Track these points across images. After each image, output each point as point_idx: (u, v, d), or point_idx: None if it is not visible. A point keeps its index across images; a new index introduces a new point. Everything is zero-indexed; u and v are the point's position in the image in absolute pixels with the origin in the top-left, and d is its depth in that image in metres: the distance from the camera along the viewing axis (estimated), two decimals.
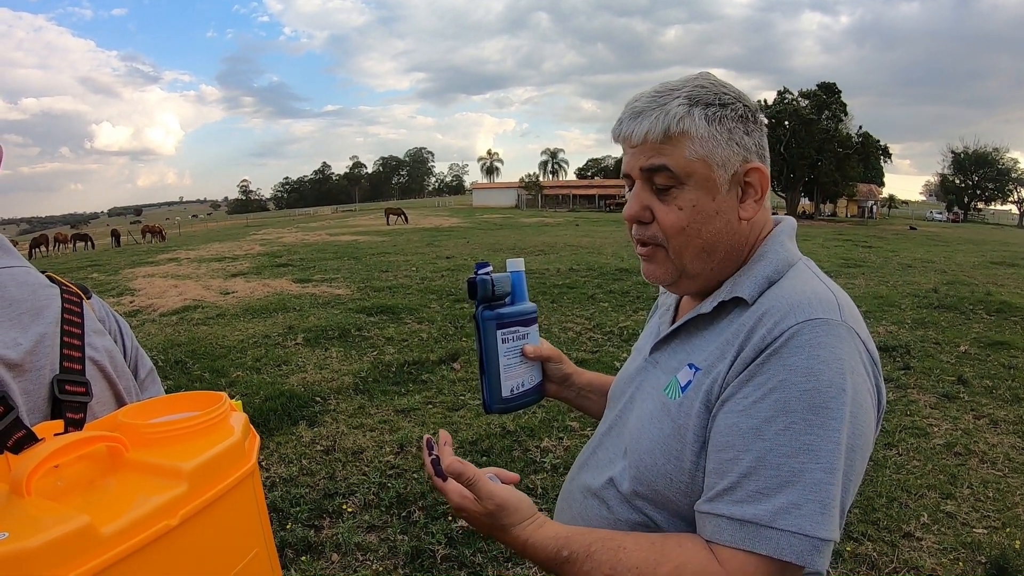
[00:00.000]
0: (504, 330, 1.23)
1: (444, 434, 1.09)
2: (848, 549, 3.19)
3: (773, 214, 1.07)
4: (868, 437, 0.87)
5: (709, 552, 0.85)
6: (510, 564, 3.10)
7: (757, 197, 1.00)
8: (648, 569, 0.86)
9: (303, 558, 3.15)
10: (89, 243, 34.53)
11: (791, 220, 1.09)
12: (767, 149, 1.01)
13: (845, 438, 0.82)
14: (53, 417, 0.85)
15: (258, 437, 0.87)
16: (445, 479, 1.01)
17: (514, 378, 1.25)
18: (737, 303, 0.97)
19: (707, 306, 1.00)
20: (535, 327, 1.30)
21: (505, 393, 1.24)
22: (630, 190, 1.02)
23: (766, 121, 1.02)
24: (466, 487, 0.99)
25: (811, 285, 0.94)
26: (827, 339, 0.85)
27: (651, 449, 0.97)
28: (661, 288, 1.24)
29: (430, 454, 1.05)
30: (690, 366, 0.99)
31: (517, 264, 1.30)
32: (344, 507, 3.63)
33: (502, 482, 1.05)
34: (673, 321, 1.14)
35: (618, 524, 1.02)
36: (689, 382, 0.97)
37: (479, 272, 1.22)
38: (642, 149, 0.96)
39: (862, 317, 0.95)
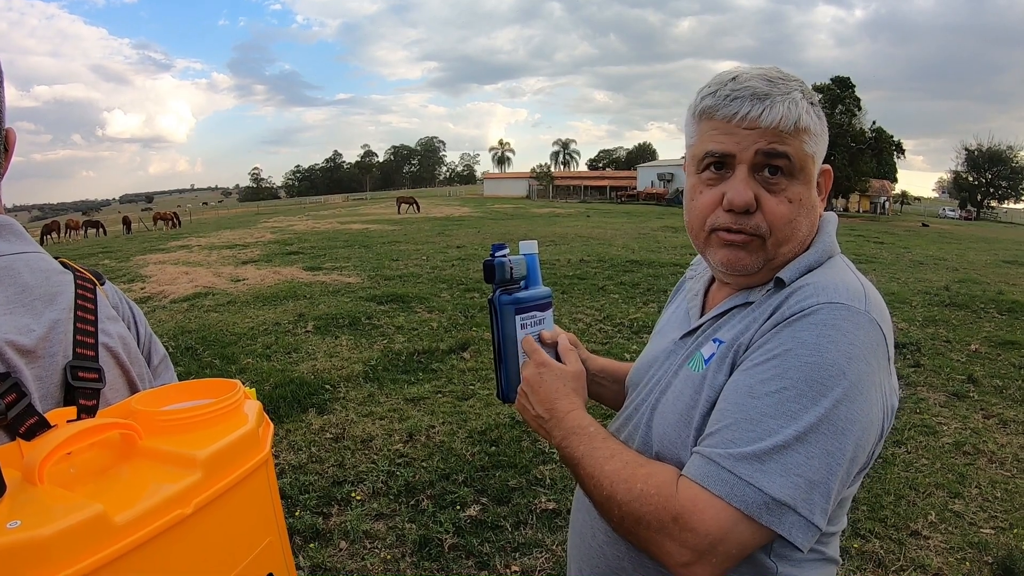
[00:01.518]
0: (523, 315, 1.18)
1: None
2: (855, 546, 3.18)
3: None
4: (865, 425, 0.86)
5: (675, 480, 0.88)
6: (518, 554, 3.10)
7: (822, 196, 1.04)
8: (633, 465, 0.93)
9: (311, 545, 3.16)
10: (101, 230, 34.72)
11: (833, 215, 1.09)
12: None
13: (833, 418, 0.83)
14: (66, 404, 0.84)
15: (272, 425, 0.87)
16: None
17: None
18: (777, 284, 0.99)
19: (755, 296, 1.02)
20: (551, 312, 1.25)
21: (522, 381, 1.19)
22: (710, 170, 0.99)
23: (826, 109, 1.04)
24: (561, 353, 1.18)
25: (844, 276, 0.96)
26: (843, 323, 0.86)
27: (674, 422, 1.00)
28: (689, 271, 1.28)
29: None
30: (715, 340, 1.01)
31: (530, 246, 1.24)
32: (353, 495, 3.64)
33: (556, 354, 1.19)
34: (703, 307, 1.15)
35: None
36: (713, 355, 0.99)
37: (496, 254, 1.16)
38: (765, 132, 0.94)
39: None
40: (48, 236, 31.93)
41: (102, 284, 1.03)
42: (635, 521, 0.88)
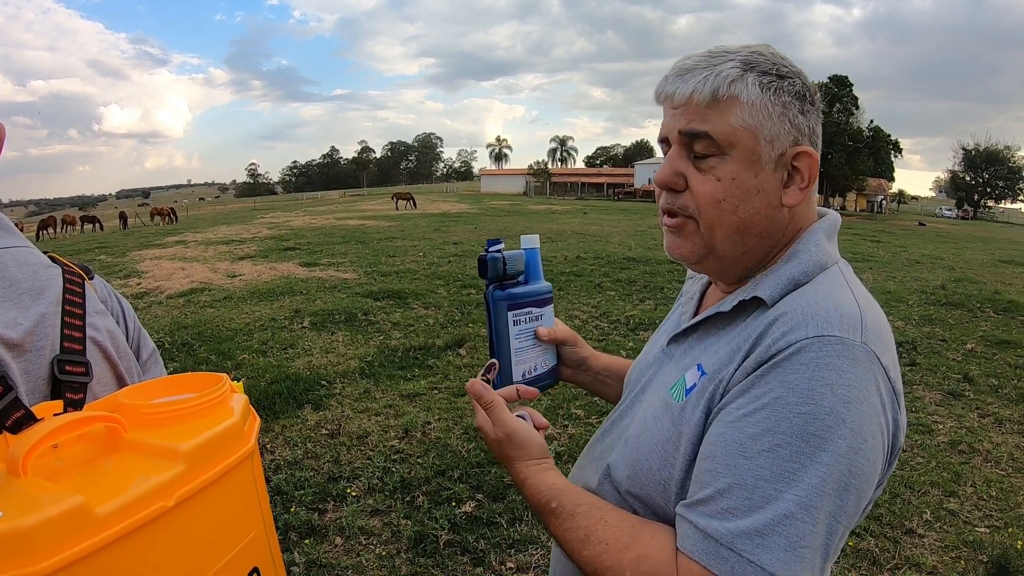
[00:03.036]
0: (516, 311, 1.16)
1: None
2: (850, 544, 3.19)
3: None
4: (868, 476, 0.78)
5: (674, 554, 0.81)
6: (513, 551, 3.10)
7: (803, 184, 0.91)
8: (615, 550, 0.84)
9: (306, 541, 3.16)
10: (98, 225, 34.65)
11: (834, 216, 0.99)
12: (820, 137, 0.93)
13: (837, 475, 0.74)
14: (53, 397, 0.84)
15: (259, 419, 0.87)
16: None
17: (526, 362, 1.18)
18: (757, 303, 0.89)
19: (727, 304, 0.93)
20: (550, 308, 1.23)
21: (516, 378, 1.17)
22: (664, 155, 0.95)
23: (823, 107, 0.95)
24: (485, 410, 1.04)
25: (837, 295, 0.85)
26: (837, 361, 0.76)
27: (649, 451, 0.93)
28: (688, 274, 1.19)
29: (484, 375, 1.10)
30: (698, 367, 0.92)
31: (532, 241, 1.22)
32: (348, 491, 3.64)
33: (534, 423, 1.06)
34: (695, 313, 1.08)
35: None
36: (694, 385, 0.91)
37: (490, 249, 1.15)
38: (684, 111, 0.88)
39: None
40: (44, 231, 31.87)
41: (91, 278, 1.03)
42: None
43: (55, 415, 0.75)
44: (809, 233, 0.94)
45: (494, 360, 1.11)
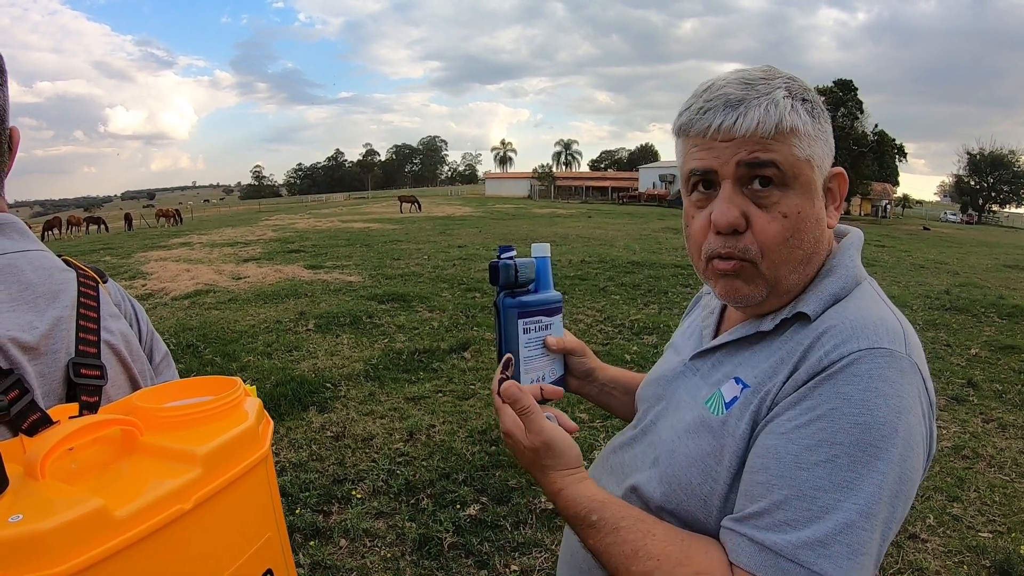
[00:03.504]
0: (526, 319, 1.15)
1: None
2: None
3: None
4: (914, 483, 0.79)
5: (729, 570, 0.79)
6: (517, 554, 3.10)
7: (836, 204, 0.92)
8: (669, 565, 0.81)
9: (311, 543, 3.16)
10: (103, 226, 34.74)
11: (859, 232, 0.99)
12: None
13: (891, 483, 0.75)
14: (68, 400, 0.85)
15: (272, 422, 0.87)
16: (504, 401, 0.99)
17: (535, 371, 1.17)
18: (798, 318, 0.89)
19: (768, 324, 0.92)
20: (559, 317, 1.22)
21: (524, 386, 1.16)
22: (697, 191, 0.91)
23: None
24: (520, 415, 0.97)
25: (878, 309, 0.86)
26: (889, 372, 0.77)
27: (687, 466, 0.91)
28: (706, 286, 1.12)
29: (503, 372, 1.04)
30: (736, 380, 0.91)
31: (543, 249, 1.21)
32: (353, 493, 3.64)
33: (563, 426, 1.02)
34: (718, 326, 1.08)
35: None
36: (735, 398, 0.90)
37: (502, 256, 1.14)
38: (743, 142, 0.84)
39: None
40: (49, 232, 31.93)
41: (104, 282, 1.03)
42: None
43: (71, 418, 0.76)
44: (843, 249, 0.94)
45: (509, 354, 1.08)
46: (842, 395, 0.77)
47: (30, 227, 0.97)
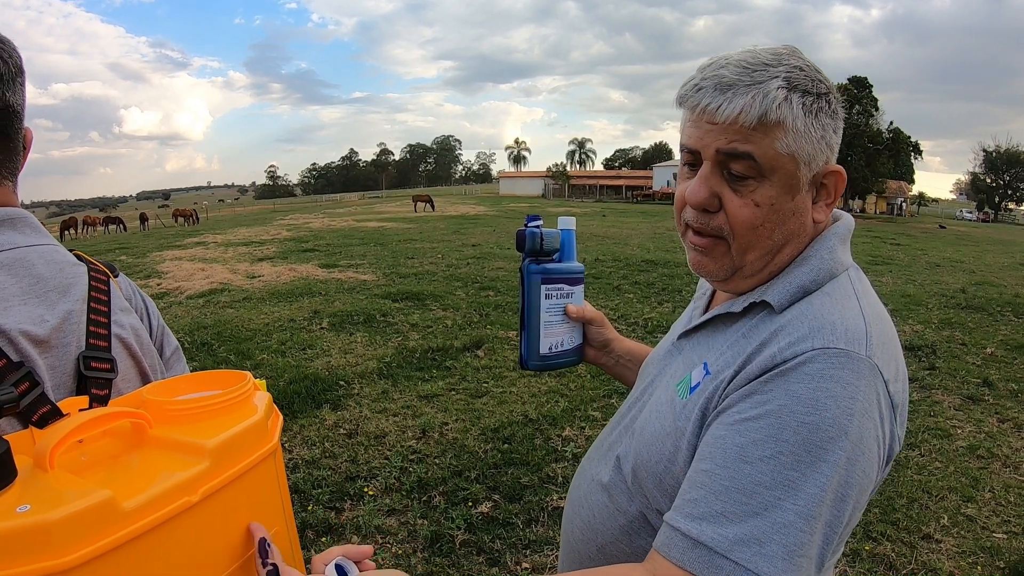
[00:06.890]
0: (548, 286, 1.21)
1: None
2: (867, 548, 3.15)
3: None
4: (864, 487, 0.78)
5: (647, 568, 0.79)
6: (528, 551, 3.10)
7: (829, 200, 0.92)
8: None
9: (323, 539, 3.18)
10: (121, 226, 35.04)
11: (849, 219, 0.98)
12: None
13: (834, 486, 0.74)
14: (78, 393, 0.86)
15: (281, 416, 0.87)
16: None
17: (554, 336, 1.23)
18: (765, 306, 0.90)
19: (737, 305, 0.93)
20: (581, 287, 1.28)
21: (543, 350, 1.23)
22: (687, 165, 0.93)
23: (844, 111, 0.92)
24: None
25: (844, 306, 0.85)
26: (842, 373, 0.77)
27: (649, 444, 0.94)
28: None
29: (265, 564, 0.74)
30: (704, 366, 0.93)
31: (569, 222, 1.27)
32: (365, 490, 3.66)
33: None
34: (706, 309, 1.08)
35: (616, 516, 0.99)
36: (698, 384, 0.91)
37: (529, 224, 1.20)
38: (725, 128, 0.84)
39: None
40: (66, 232, 32.27)
41: (115, 276, 1.04)
42: None
43: (81, 410, 0.76)
44: (822, 239, 0.93)
45: (261, 537, 0.76)
46: (792, 393, 0.77)
47: (46, 227, 0.98)
